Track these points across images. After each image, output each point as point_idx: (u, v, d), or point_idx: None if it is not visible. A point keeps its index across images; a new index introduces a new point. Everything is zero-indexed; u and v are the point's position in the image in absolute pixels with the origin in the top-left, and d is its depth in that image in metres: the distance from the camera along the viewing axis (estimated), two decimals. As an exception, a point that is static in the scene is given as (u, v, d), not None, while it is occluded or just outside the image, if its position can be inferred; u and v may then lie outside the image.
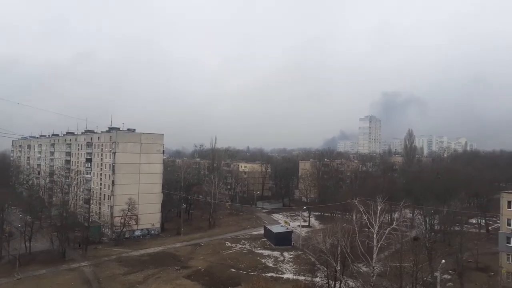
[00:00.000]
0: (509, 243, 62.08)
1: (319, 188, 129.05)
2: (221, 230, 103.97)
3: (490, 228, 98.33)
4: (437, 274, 52.47)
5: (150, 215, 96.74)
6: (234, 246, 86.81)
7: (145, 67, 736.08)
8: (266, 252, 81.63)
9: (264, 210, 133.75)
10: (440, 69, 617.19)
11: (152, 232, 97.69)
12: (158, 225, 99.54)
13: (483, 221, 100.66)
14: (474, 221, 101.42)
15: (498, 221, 70.68)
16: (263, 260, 76.14)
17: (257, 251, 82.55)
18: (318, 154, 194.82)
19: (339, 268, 54.17)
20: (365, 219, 55.48)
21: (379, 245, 51.41)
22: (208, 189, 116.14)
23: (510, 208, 62.79)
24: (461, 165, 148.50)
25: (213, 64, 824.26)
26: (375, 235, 51.67)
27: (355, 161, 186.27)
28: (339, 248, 54.24)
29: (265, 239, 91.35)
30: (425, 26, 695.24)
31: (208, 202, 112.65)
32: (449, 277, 65.28)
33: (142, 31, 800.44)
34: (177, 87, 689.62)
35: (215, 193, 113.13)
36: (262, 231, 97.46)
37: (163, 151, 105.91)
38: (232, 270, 69.80)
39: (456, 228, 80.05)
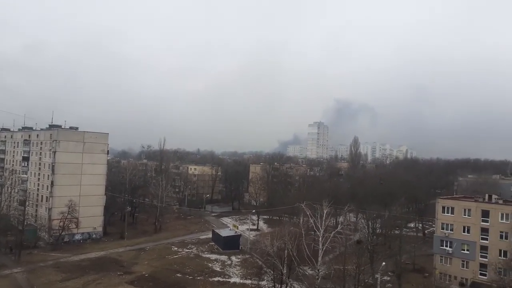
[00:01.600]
0: (443, 246, 66.15)
1: (269, 191, 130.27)
2: (167, 234, 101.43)
3: (426, 231, 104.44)
4: (378, 276, 54.75)
5: (92, 218, 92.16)
6: (180, 250, 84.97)
7: (96, 66, 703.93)
8: (213, 256, 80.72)
9: (213, 214, 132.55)
10: (388, 79, 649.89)
11: (94, 236, 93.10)
12: (100, 229, 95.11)
13: (420, 225, 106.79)
14: (412, 225, 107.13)
15: (434, 225, 75.21)
16: (210, 265, 75.19)
17: (205, 255, 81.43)
18: (269, 158, 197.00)
19: (285, 271, 54.75)
20: (311, 223, 56.67)
21: (324, 248, 52.63)
22: (155, 191, 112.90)
23: (444, 213, 67.04)
24: (401, 171, 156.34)
25: (166, 66, 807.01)
26: (320, 239, 52.86)
27: (303, 165, 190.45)
28: (286, 251, 54.88)
29: (213, 243, 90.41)
30: (375, 38, 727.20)
31: (155, 205, 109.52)
32: (389, 278, 68.31)
33: (96, 27, 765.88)
34: (128, 87, 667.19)
35: (163, 196, 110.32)
36: (210, 235, 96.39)
37: (108, 151, 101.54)
38: (178, 275, 68.20)
39: (396, 232, 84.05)
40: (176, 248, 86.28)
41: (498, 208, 62.37)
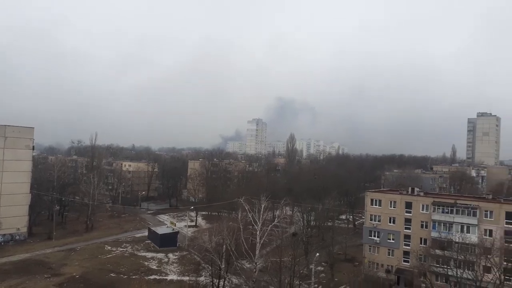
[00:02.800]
0: (371, 236, 70.66)
1: (207, 187, 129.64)
2: (100, 233, 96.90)
3: (356, 223, 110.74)
4: (312, 266, 57.11)
5: (15, 219, 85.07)
6: (114, 249, 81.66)
7: (30, 56, 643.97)
8: (150, 255, 78.69)
9: (149, 211, 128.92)
10: (328, 80, 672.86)
11: (17, 237, 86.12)
12: (25, 230, 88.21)
13: (351, 217, 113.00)
14: (343, 217, 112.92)
15: (363, 217, 79.96)
16: (146, 263, 73.23)
17: (140, 254, 79.09)
18: (208, 154, 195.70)
19: (223, 266, 55.04)
20: (250, 217, 57.52)
21: (261, 241, 53.73)
22: (86, 189, 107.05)
23: (372, 205, 71.58)
24: (334, 167, 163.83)
25: (104, 60, 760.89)
26: (258, 232, 53.87)
27: (242, 161, 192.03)
28: (224, 246, 55.16)
29: (150, 241, 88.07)
30: (318, 42, 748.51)
31: (86, 203, 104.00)
32: (322, 268, 71.56)
33: (33, 17, 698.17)
34: (62, 81, 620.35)
35: (94, 193, 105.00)
36: (146, 233, 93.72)
37: (33, 146, 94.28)
38: (112, 274, 65.56)
39: (329, 224, 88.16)
40: (109, 247, 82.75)
41: (419, 200, 67.99)
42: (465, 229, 61.35)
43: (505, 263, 53.55)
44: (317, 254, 62.45)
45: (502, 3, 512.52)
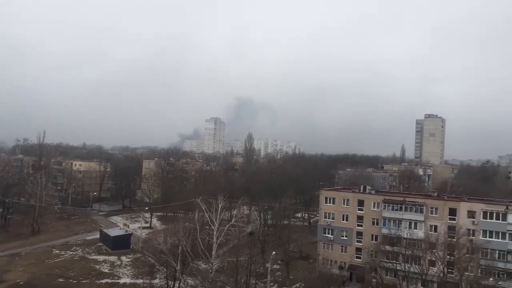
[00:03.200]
0: (325, 234, 72.43)
1: (163, 188, 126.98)
2: (48, 236, 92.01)
3: (311, 221, 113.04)
4: (268, 265, 57.58)
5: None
6: (63, 253, 77.91)
7: None
8: (101, 258, 75.84)
9: (101, 213, 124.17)
10: (288, 81, 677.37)
11: (-47, 243, 79.91)
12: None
13: (306, 215, 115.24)
14: (299, 215, 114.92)
15: (318, 215, 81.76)
16: (97, 266, 70.51)
17: (91, 257, 76.02)
18: (164, 153, 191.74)
19: (179, 267, 54.15)
20: (206, 217, 56.99)
21: (218, 241, 53.44)
22: (32, 190, 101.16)
23: (327, 203, 73.41)
24: (291, 166, 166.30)
25: (53, 53, 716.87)
26: (215, 232, 53.51)
27: (200, 160, 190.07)
28: (180, 247, 54.29)
29: (101, 244, 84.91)
30: (278, 41, 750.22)
31: (32, 205, 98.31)
32: (278, 266, 72.35)
33: None
34: (4, 75, 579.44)
35: (42, 194, 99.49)
36: (98, 236, 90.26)
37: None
38: (60, 280, 62.55)
39: (285, 222, 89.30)
40: (58, 251, 78.84)
41: (370, 197, 70.60)
42: (413, 225, 64.49)
43: (448, 256, 56.90)
44: (273, 252, 63.08)
45: (450, 9, 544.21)
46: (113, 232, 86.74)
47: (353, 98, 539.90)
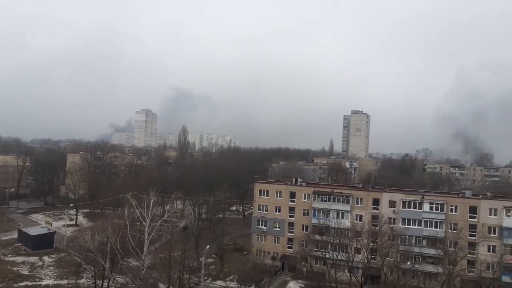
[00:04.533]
0: (259, 225, 73.79)
1: (90, 183, 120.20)
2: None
3: (246, 213, 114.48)
4: (202, 259, 57.30)
5: None
6: (-26, 256, 70.63)
7: None
8: (20, 259, 70.00)
9: (20, 211, 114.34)
10: (227, 75, 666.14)
11: None
12: None
13: (241, 207, 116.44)
14: (234, 208, 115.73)
15: (252, 207, 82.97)
16: (15, 269, 64.95)
17: (8, 259, 69.81)
18: (91, 146, 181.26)
19: (107, 265, 51.80)
20: (137, 213, 55.05)
21: (150, 237, 51.93)
22: None
23: (261, 195, 74.73)
24: (226, 159, 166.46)
25: None
26: (146, 228, 51.91)
27: (130, 154, 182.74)
28: (108, 245, 51.93)
29: (20, 244, 78.33)
30: (217, 34, 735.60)
31: None
32: (212, 260, 72.28)
33: None
34: None
35: None
36: (16, 235, 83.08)
37: None
38: (-30, 286, 56.65)
39: (220, 216, 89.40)
40: (-33, 255, 71.31)
41: (302, 189, 73.18)
42: (340, 215, 68.07)
43: (371, 244, 61.01)
44: (208, 246, 62.89)
45: (377, 9, 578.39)
46: (34, 231, 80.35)
47: (289, 95, 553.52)
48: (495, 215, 60.96)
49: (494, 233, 60.66)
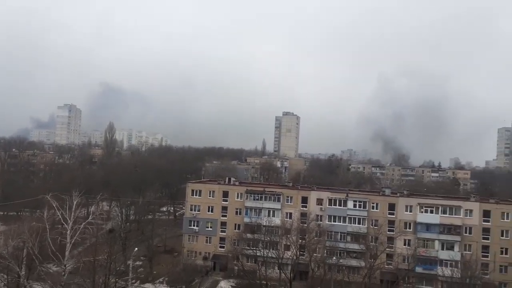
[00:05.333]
0: (191, 226, 72.81)
1: (3, 183, 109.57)
2: None
3: (177, 214, 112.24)
4: (130, 262, 55.08)
5: None
6: None
7: None
8: None
9: None
10: (157, 72, 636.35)
11: None
12: None
13: (172, 208, 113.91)
14: (164, 209, 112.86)
15: (184, 208, 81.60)
16: None
17: None
18: (4, 143, 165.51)
19: (23, 272, 47.63)
20: (58, 216, 51.32)
21: (72, 241, 48.67)
22: None
23: (193, 195, 73.80)
24: (156, 158, 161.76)
25: None
26: (68, 232, 48.57)
27: (50, 152, 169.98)
28: (25, 250, 47.79)
29: None
30: (148, 28, 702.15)
31: None
32: (141, 263, 69.80)
33: None
34: None
35: None
36: None
37: None
38: None
39: (149, 217, 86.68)
40: None
41: (235, 189, 73.68)
42: (271, 213, 69.62)
43: (300, 240, 63.26)
44: (136, 248, 60.58)
45: (310, 13, 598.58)
46: None
47: (224, 94, 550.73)
48: (410, 211, 66.53)
49: (410, 228, 66.20)
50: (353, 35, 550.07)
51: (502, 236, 63.41)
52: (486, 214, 64.41)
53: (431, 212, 65.51)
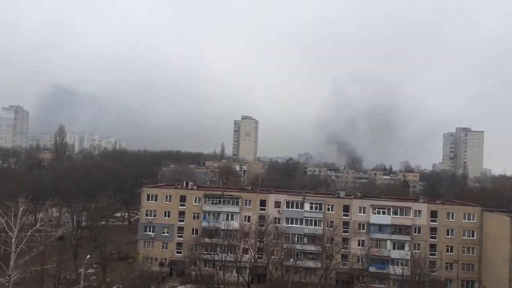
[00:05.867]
0: (147, 231, 70.95)
1: None
2: None
3: (132, 219, 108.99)
4: (82, 270, 52.72)
5: None
6: None
7: None
8: None
9: None
10: (114, 73, 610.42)
11: None
12: None
13: (127, 214, 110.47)
14: (119, 214, 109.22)
15: (139, 213, 79.39)
16: None
17: None
18: None
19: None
20: (2, 223, 48.13)
21: (18, 250, 45.83)
22: None
23: (149, 200, 71.99)
24: (110, 162, 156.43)
25: None
26: (14, 240, 45.69)
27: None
28: (-37, 261, 44.31)
29: None
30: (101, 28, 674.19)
31: None
32: (93, 270, 66.94)
33: None
34: None
35: None
36: None
37: None
38: None
39: (103, 223, 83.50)
40: None
41: (192, 193, 72.76)
42: (230, 217, 69.40)
43: (258, 243, 63.50)
44: (88, 256, 58.14)
45: (268, 18, 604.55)
46: None
47: (182, 98, 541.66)
48: (364, 212, 68.88)
49: (363, 229, 68.50)
50: (310, 41, 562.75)
51: (448, 235, 67.20)
52: (433, 214, 68.04)
53: (383, 213, 68.21)
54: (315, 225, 68.68)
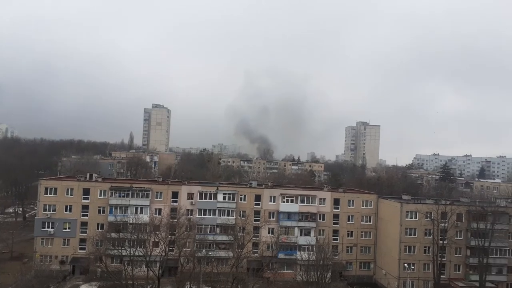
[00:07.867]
0: (45, 228, 65.02)
1: None
2: None
3: (27, 215, 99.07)
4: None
5: None
6: None
7: None
8: None
9: None
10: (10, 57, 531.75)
11: None
12: None
13: (21, 209, 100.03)
14: (11, 210, 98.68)
15: (36, 208, 72.43)
16: None
17: None
18: None
19: None
20: None
21: None
22: None
23: (47, 194, 65.86)
24: (1, 152, 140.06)
25: None
26: None
27: None
28: None
29: None
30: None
31: None
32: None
33: None
34: None
35: None
36: None
37: None
38: None
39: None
40: None
41: (97, 185, 68.21)
42: (139, 210, 66.71)
43: (170, 236, 62.10)
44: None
45: (185, 9, 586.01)
46: None
47: (89, 84, 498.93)
48: (274, 201, 71.48)
49: (273, 217, 71.12)
50: (226, 34, 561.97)
51: (348, 220, 72.99)
52: (336, 202, 73.29)
53: (292, 201, 71.52)
54: (228, 215, 69.40)
